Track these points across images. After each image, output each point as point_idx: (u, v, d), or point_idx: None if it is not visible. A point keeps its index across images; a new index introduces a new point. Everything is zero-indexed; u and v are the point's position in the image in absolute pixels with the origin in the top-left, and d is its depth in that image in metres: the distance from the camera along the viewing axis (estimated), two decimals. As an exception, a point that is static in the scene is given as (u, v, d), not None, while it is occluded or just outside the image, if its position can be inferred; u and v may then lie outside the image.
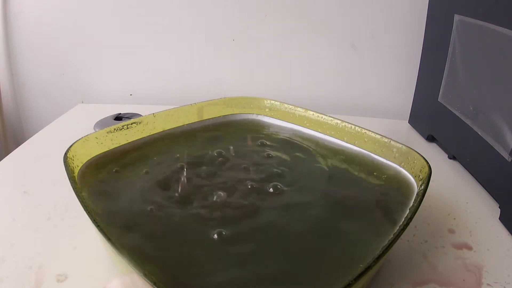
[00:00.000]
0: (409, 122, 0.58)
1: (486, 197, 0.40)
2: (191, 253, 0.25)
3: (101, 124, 0.51)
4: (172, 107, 0.41)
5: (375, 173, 0.35)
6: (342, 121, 0.39)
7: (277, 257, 0.25)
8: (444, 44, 0.46)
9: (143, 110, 0.50)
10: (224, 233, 0.27)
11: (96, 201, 0.29)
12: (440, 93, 0.47)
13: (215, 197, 0.31)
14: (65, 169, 0.29)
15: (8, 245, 0.30)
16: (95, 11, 0.61)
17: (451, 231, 0.34)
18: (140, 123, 0.38)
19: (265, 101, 0.45)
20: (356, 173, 0.35)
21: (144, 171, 0.34)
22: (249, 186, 0.32)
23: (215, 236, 0.26)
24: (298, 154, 0.38)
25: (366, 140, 0.37)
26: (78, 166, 0.32)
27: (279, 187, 0.32)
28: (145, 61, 0.64)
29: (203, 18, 0.61)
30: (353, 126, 0.38)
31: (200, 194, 0.31)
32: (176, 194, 0.31)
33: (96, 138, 0.34)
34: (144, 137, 0.38)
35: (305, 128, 0.42)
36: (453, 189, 0.41)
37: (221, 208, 0.29)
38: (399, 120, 0.59)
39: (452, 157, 0.47)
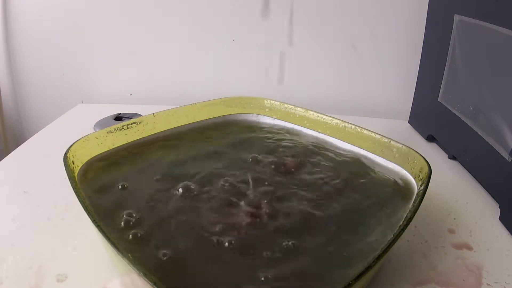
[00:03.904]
0: (409, 122, 0.58)
1: (486, 197, 0.39)
2: (191, 252, 0.25)
3: (101, 124, 0.51)
4: (172, 107, 0.41)
5: (374, 173, 0.35)
6: (342, 121, 0.39)
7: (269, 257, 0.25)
8: (444, 44, 0.46)
9: (143, 110, 0.50)
10: (223, 232, 0.27)
11: (96, 201, 0.28)
12: (440, 93, 0.47)
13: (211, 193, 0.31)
14: (65, 169, 0.29)
15: (8, 245, 0.30)
16: (95, 11, 0.61)
17: (451, 231, 0.34)
18: (140, 123, 0.38)
19: (265, 101, 0.45)
20: (355, 173, 0.35)
21: (144, 171, 0.34)
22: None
23: (216, 236, 0.26)
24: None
25: (366, 140, 0.37)
26: (78, 166, 0.32)
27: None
28: (145, 61, 0.64)
29: (203, 18, 0.61)
30: (353, 126, 0.38)
31: (201, 196, 0.31)
32: (176, 192, 0.31)
33: (96, 138, 0.34)
34: (144, 137, 0.38)
35: (305, 128, 0.42)
36: (453, 189, 0.41)
37: (221, 200, 0.30)
38: (399, 120, 0.59)
39: (452, 157, 0.47)
